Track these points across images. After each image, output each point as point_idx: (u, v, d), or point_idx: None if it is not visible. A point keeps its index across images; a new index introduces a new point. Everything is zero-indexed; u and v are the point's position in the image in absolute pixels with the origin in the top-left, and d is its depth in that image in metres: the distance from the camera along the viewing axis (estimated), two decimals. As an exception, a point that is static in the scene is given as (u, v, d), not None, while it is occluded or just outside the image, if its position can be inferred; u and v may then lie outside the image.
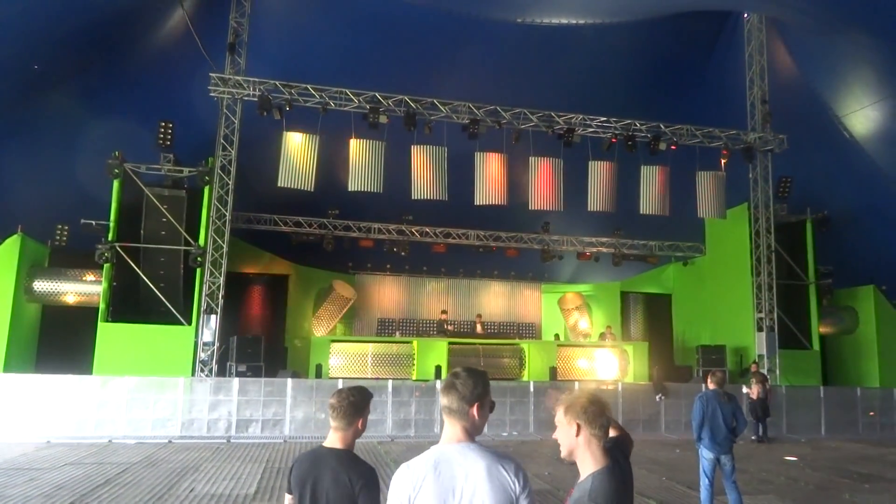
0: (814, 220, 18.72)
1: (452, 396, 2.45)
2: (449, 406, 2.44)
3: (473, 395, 2.46)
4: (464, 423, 2.44)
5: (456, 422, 2.44)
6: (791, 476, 10.62)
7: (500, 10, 16.43)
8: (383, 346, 18.57)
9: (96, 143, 15.23)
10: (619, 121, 16.92)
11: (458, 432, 2.44)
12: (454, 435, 2.44)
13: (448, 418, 2.46)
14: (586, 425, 2.43)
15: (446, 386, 2.48)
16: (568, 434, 2.46)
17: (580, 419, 2.43)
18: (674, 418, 15.75)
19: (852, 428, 16.45)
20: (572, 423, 2.44)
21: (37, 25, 12.64)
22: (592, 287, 23.59)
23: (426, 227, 19.77)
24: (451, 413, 2.44)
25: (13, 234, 15.19)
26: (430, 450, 2.42)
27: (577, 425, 2.43)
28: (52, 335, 16.29)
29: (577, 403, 2.47)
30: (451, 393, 2.45)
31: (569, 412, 2.46)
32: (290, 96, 15.29)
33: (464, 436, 2.43)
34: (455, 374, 2.51)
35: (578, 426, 2.43)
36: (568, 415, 2.46)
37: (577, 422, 2.43)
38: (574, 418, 2.44)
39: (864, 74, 16.07)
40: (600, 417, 2.44)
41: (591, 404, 2.46)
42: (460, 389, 2.45)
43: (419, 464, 2.38)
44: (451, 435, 2.44)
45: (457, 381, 2.47)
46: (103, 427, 13.14)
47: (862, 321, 19.42)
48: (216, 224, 15.27)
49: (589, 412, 2.44)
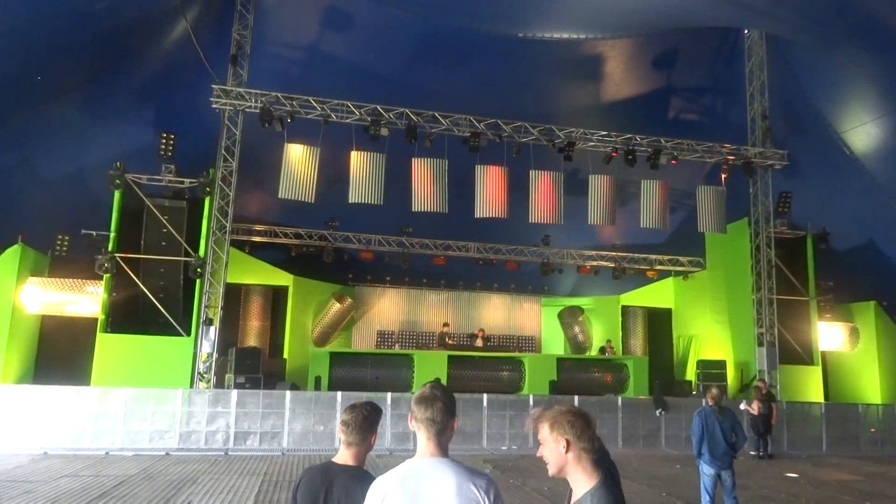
0: (814, 235, 18.73)
1: (437, 408, 2.40)
2: (432, 418, 2.39)
3: (454, 407, 2.44)
4: (441, 438, 2.41)
5: (433, 435, 2.40)
6: (792, 493, 10.54)
7: (501, 24, 16.52)
8: (383, 359, 18.50)
9: (98, 153, 15.28)
10: (619, 135, 16.97)
11: (433, 447, 2.40)
12: (428, 449, 2.40)
13: (426, 431, 2.41)
14: (575, 440, 2.35)
15: (429, 398, 2.42)
16: (556, 451, 2.38)
17: (568, 434, 2.36)
18: (674, 433, 15.66)
19: (854, 444, 16.36)
20: (560, 440, 2.36)
21: (40, 37, 12.70)
22: (592, 301, 23.55)
23: (426, 240, 19.77)
24: (433, 425, 2.40)
25: (14, 243, 15.18)
26: (403, 463, 2.39)
27: (565, 441, 2.35)
28: (51, 346, 16.23)
29: (562, 419, 2.39)
30: (434, 405, 2.41)
31: (555, 428, 2.38)
32: (292, 108, 15.34)
33: (437, 450, 2.40)
34: (433, 386, 2.48)
35: (567, 442, 2.35)
36: (554, 431, 2.38)
37: (565, 438, 2.36)
38: (562, 434, 2.36)
39: (865, 91, 16.14)
40: (588, 430, 2.37)
41: (576, 418, 2.39)
42: (444, 400, 2.42)
43: (388, 478, 2.36)
44: (426, 449, 2.41)
45: (438, 393, 2.44)
46: (100, 439, 13.07)
47: (863, 337, 19.36)
48: (216, 235, 15.27)
49: (577, 426, 2.36)
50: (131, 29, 14.60)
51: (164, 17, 14.92)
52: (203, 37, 15.15)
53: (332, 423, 14.03)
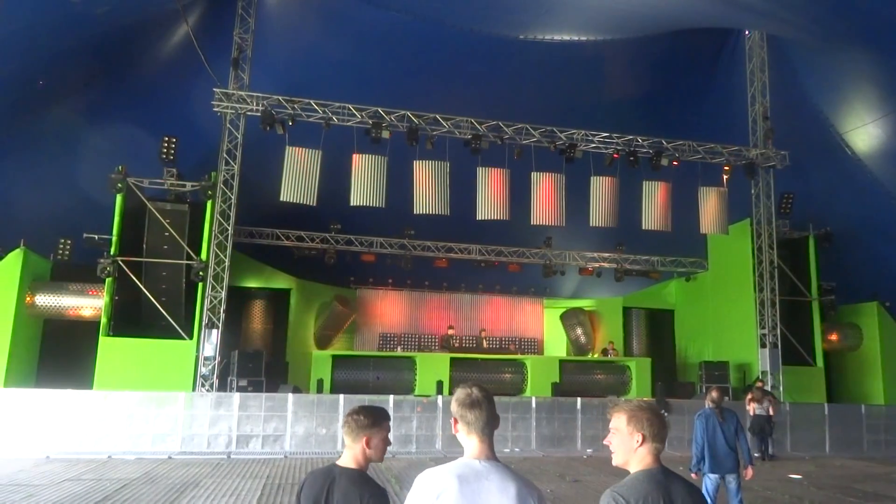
0: (816, 236, 18.70)
1: (490, 410, 2.41)
2: (487, 421, 2.40)
3: (495, 410, 2.45)
4: (492, 440, 2.41)
5: (487, 437, 2.40)
6: (795, 495, 10.52)
7: (502, 26, 16.54)
8: (385, 361, 18.51)
9: (100, 157, 15.32)
10: (621, 136, 16.96)
11: (487, 448, 2.40)
12: (482, 451, 2.39)
13: (479, 433, 2.40)
14: (651, 438, 2.45)
15: (480, 401, 2.42)
16: (628, 443, 2.47)
17: (646, 430, 2.45)
18: (677, 435, 15.58)
19: (857, 446, 16.31)
20: (635, 433, 2.46)
21: (41, 41, 12.74)
22: (595, 302, 23.53)
23: (428, 242, 19.77)
24: (486, 427, 2.40)
25: (16, 248, 15.21)
26: (457, 461, 2.37)
27: (641, 436, 2.45)
28: (54, 349, 16.25)
29: (641, 414, 2.48)
30: (487, 406, 2.41)
31: (632, 422, 2.47)
32: (294, 111, 15.37)
33: (491, 452, 2.40)
34: (478, 388, 2.47)
35: (643, 437, 2.45)
36: (632, 424, 2.47)
37: (641, 433, 2.45)
38: (639, 429, 2.46)
39: (866, 91, 16.13)
40: (663, 431, 2.48)
41: (655, 416, 2.49)
42: (490, 402, 2.43)
43: (442, 475, 2.31)
44: (479, 450, 2.39)
45: (482, 395, 2.43)
46: (103, 442, 13.06)
47: (866, 338, 19.32)
48: (218, 238, 15.28)
49: (655, 425, 2.46)
50: (132, 33, 14.64)
51: (166, 21, 14.96)
52: (204, 40, 15.17)
53: (334, 425, 14.02)
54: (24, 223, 15.49)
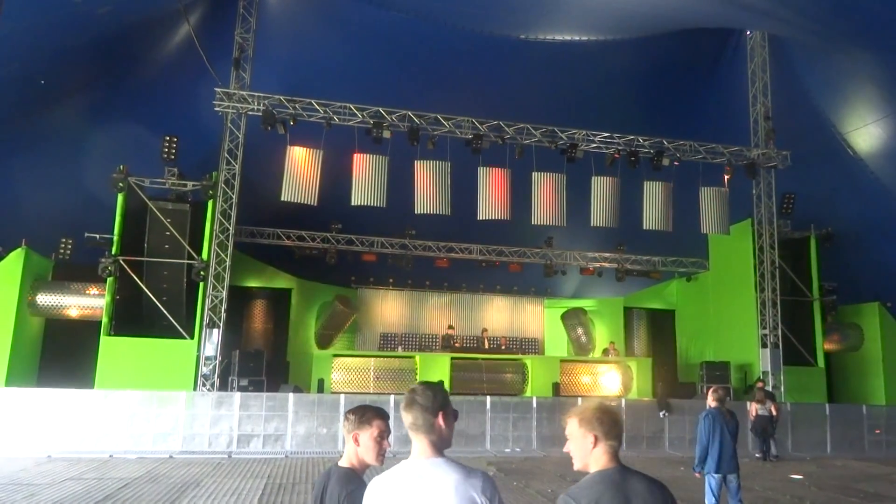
0: (818, 236, 18.69)
1: (416, 411, 2.41)
2: (414, 422, 2.41)
3: (435, 405, 2.43)
4: (431, 437, 2.41)
5: (423, 437, 2.42)
6: (797, 495, 10.51)
7: (503, 26, 16.54)
8: (385, 361, 18.51)
9: (101, 157, 15.32)
10: (622, 136, 16.96)
11: (426, 447, 2.41)
12: (422, 451, 2.41)
13: (414, 435, 2.43)
14: (603, 436, 2.44)
15: (407, 402, 2.45)
16: (583, 446, 2.46)
17: (597, 430, 2.44)
18: (678, 435, 15.63)
19: (858, 446, 16.30)
20: (588, 435, 2.45)
21: (43, 41, 12.75)
22: (596, 302, 23.52)
23: (429, 242, 19.76)
24: (417, 428, 2.41)
25: (17, 247, 15.22)
26: (398, 464, 2.41)
27: (593, 437, 2.44)
28: (55, 349, 16.27)
29: (591, 415, 2.47)
30: (413, 407, 2.42)
31: (583, 424, 2.46)
32: (295, 111, 15.37)
33: (431, 451, 2.41)
34: (412, 389, 2.49)
35: (595, 438, 2.43)
36: (583, 426, 2.46)
37: (593, 433, 2.44)
38: (590, 430, 2.44)
39: (868, 92, 16.11)
40: (615, 427, 2.46)
41: (605, 415, 2.48)
42: (421, 402, 2.42)
43: (383, 479, 2.37)
44: (419, 451, 2.42)
45: (416, 395, 2.44)
46: (104, 441, 13.08)
47: (867, 338, 19.30)
48: (219, 238, 15.29)
49: (605, 423, 2.45)
50: (134, 33, 14.66)
51: (167, 21, 14.98)
52: (205, 40, 15.18)
53: (335, 425, 14.03)
54: (26, 223, 15.52)
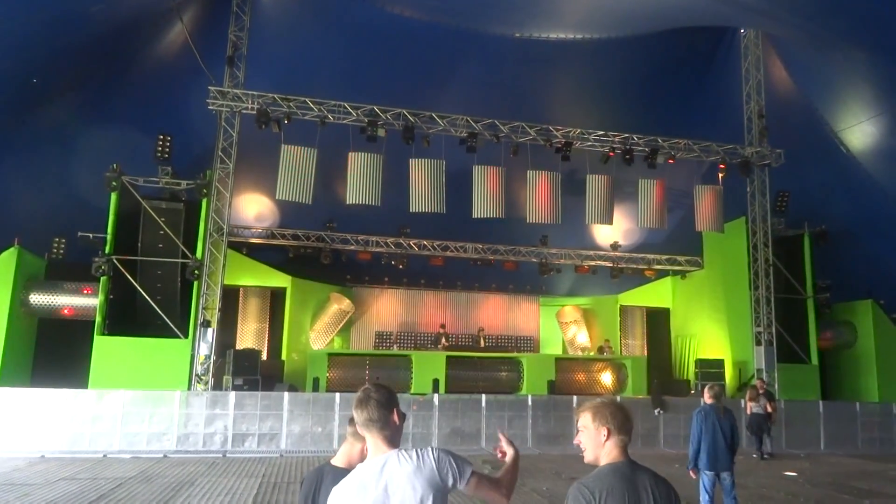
0: (811, 234, 18.75)
1: (371, 406, 2.43)
2: (369, 417, 2.43)
3: (391, 401, 2.47)
4: (385, 433, 2.44)
5: (377, 433, 2.44)
6: (791, 492, 10.55)
7: (498, 24, 16.53)
8: (381, 360, 18.48)
9: (94, 155, 15.24)
10: (616, 135, 16.98)
11: (380, 443, 2.44)
12: (378, 448, 2.44)
13: (368, 432, 2.45)
14: (616, 431, 2.51)
15: (361, 400, 2.46)
16: (596, 438, 2.53)
17: (610, 424, 2.51)
18: (672, 432, 15.66)
19: (851, 443, 16.38)
20: (602, 428, 2.52)
21: (36, 39, 12.68)
22: (590, 300, 23.55)
23: (424, 241, 19.76)
24: (372, 423, 2.43)
25: (10, 246, 15.14)
26: (357, 468, 2.43)
27: (606, 430, 2.51)
28: (48, 348, 16.18)
29: (605, 409, 2.54)
30: (368, 404, 2.44)
31: (598, 417, 2.54)
32: (289, 109, 15.33)
33: (387, 446, 2.43)
34: (364, 389, 2.52)
35: (608, 431, 2.51)
36: (597, 420, 2.54)
37: (606, 427, 2.51)
38: (604, 423, 2.52)
39: (861, 90, 16.16)
40: (627, 423, 2.54)
41: (618, 410, 2.56)
42: (376, 397, 2.45)
43: (345, 484, 2.37)
44: (376, 448, 2.44)
45: (370, 392, 2.47)
46: (98, 441, 13.04)
47: (860, 335, 19.37)
48: (213, 237, 15.24)
49: (618, 418, 2.53)
50: (127, 31, 14.58)
51: (160, 19, 14.92)
52: (199, 38, 15.13)
53: (330, 424, 14.02)
54: (19, 222, 15.42)
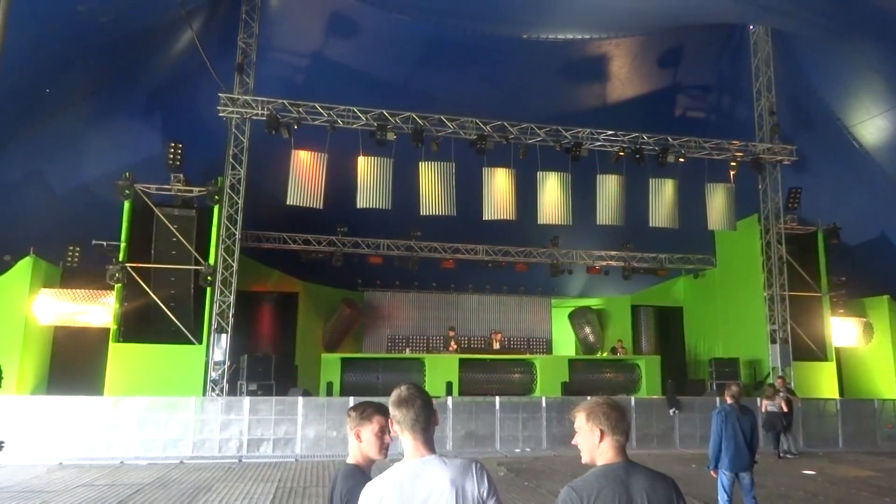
0: (825, 230, 18.59)
1: (417, 407, 2.39)
2: (415, 418, 2.38)
3: (431, 404, 2.44)
4: (427, 434, 2.40)
5: (419, 433, 2.39)
6: (810, 490, 10.46)
7: (505, 26, 16.51)
8: (394, 363, 18.51)
9: (107, 164, 15.37)
10: (626, 134, 16.93)
11: (421, 445, 2.39)
12: (417, 449, 2.39)
13: (412, 432, 2.40)
14: (610, 431, 2.47)
15: (406, 399, 2.42)
16: (590, 440, 2.50)
17: (603, 425, 2.47)
18: (688, 432, 15.57)
19: (870, 440, 16.22)
20: (595, 430, 2.48)
21: (47, 50, 12.79)
22: (603, 301, 23.48)
23: (435, 243, 19.77)
24: (416, 424, 2.39)
25: (26, 255, 15.29)
26: (395, 466, 2.38)
27: (599, 431, 2.47)
28: (64, 356, 16.32)
29: (598, 409, 2.50)
30: (414, 404, 2.40)
31: (591, 418, 2.50)
32: (299, 115, 15.39)
33: (426, 449, 2.39)
34: (406, 387, 2.47)
35: (602, 432, 2.47)
36: (590, 421, 2.50)
37: (599, 428, 2.48)
38: (597, 424, 2.48)
39: (873, 84, 16.02)
40: (622, 422, 2.50)
41: (612, 410, 2.51)
42: (423, 398, 2.42)
43: (381, 481, 2.33)
44: (415, 449, 2.39)
45: (416, 392, 2.43)
46: (115, 448, 13.12)
47: (877, 332, 19.20)
48: (226, 243, 15.32)
49: (612, 418, 2.48)
50: (137, 40, 14.68)
51: (170, 28, 15.01)
52: (208, 46, 15.22)
53: (344, 428, 13.93)
54: (33, 231, 15.59)
